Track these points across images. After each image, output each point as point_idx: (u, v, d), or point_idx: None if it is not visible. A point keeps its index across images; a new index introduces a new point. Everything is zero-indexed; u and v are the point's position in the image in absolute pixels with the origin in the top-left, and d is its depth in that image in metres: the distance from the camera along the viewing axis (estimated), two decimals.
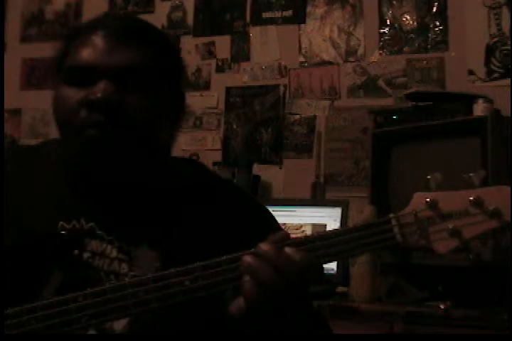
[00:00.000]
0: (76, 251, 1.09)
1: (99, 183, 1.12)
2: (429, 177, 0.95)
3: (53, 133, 1.17)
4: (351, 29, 2.99)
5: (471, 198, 0.93)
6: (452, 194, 0.94)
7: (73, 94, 1.07)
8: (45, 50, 1.18)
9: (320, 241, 0.95)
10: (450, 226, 0.93)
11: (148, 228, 1.12)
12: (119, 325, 1.06)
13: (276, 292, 0.92)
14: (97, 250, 1.10)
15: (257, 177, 2.98)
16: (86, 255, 1.09)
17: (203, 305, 1.05)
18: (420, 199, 0.95)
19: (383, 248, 0.96)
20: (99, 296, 0.95)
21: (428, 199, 0.94)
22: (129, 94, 1.07)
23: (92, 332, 1.04)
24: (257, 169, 2.98)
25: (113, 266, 1.09)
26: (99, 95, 1.05)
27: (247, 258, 0.94)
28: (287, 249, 0.94)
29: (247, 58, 3.18)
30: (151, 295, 0.95)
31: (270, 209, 1.23)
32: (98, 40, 1.09)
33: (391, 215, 0.95)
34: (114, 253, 1.10)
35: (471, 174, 0.95)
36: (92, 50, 1.08)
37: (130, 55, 1.09)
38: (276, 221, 1.22)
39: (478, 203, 0.93)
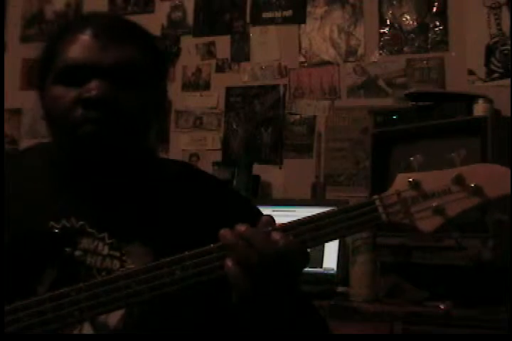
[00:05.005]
0: (68, 249, 1.10)
1: (91, 181, 1.13)
2: (411, 158, 0.96)
3: None
4: (351, 29, 2.99)
5: (453, 176, 0.94)
6: (434, 173, 0.96)
7: (66, 93, 1.09)
8: None
9: (305, 225, 0.95)
10: (433, 204, 0.94)
11: (140, 224, 1.13)
12: (113, 318, 1.06)
13: (255, 269, 0.92)
14: (89, 247, 1.11)
15: (257, 177, 2.97)
16: (78, 253, 1.10)
17: (200, 298, 1.05)
18: (403, 180, 0.96)
19: (369, 228, 0.96)
20: (92, 289, 0.95)
21: (410, 179, 0.95)
22: (121, 91, 1.09)
23: (87, 326, 1.05)
24: (257, 169, 2.98)
25: (105, 263, 1.10)
26: (93, 92, 1.07)
27: (224, 232, 0.94)
28: (273, 233, 0.94)
29: (247, 58, 3.17)
30: (143, 286, 0.95)
31: (270, 209, 1.23)
32: (87, 39, 1.11)
33: (375, 196, 0.96)
34: (106, 251, 1.11)
35: (452, 154, 0.96)
36: (82, 49, 1.10)
37: (120, 53, 1.10)
38: None
39: (459, 181, 0.94)
